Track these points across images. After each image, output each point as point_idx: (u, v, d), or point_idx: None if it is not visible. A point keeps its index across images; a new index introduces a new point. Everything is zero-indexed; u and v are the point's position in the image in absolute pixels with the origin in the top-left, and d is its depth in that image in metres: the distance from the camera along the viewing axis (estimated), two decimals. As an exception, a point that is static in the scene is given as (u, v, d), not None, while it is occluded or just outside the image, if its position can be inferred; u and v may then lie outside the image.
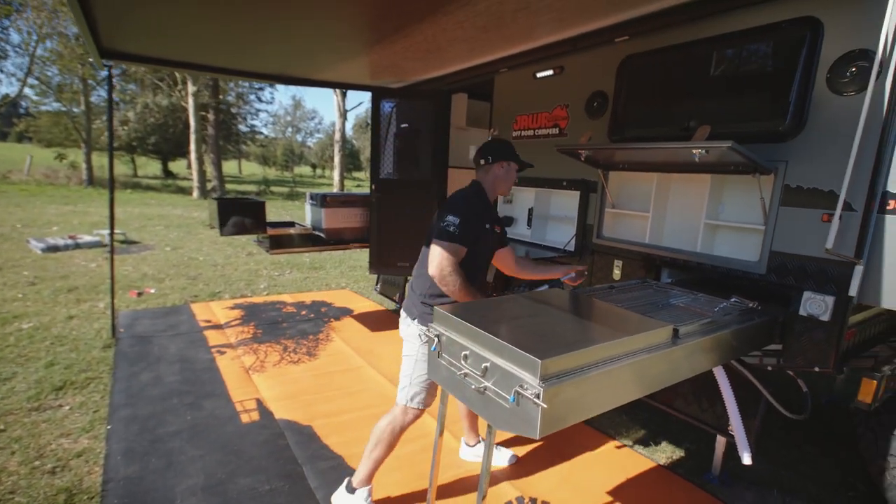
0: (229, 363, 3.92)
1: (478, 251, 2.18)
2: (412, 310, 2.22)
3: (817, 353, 2.01)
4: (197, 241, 9.21)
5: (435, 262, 2.04)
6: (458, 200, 2.18)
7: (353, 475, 2.29)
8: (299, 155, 50.17)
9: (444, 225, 2.05)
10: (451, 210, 2.10)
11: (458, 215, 2.06)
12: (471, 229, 2.09)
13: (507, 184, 2.31)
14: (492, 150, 2.28)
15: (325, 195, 4.46)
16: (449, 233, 2.04)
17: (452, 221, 2.05)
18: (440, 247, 2.04)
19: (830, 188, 1.97)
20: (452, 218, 2.06)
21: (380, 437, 2.20)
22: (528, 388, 1.32)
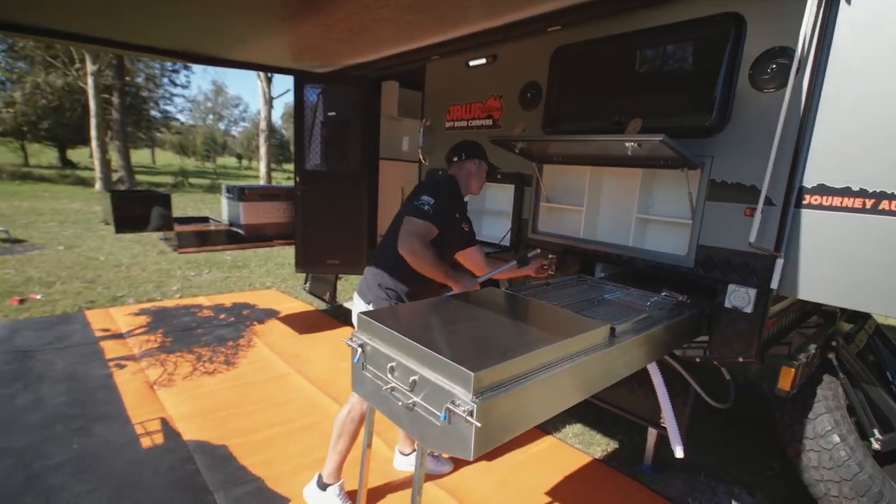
0: (130, 378, 3.46)
1: (444, 240, 2.15)
2: (367, 293, 2.17)
3: (741, 343, 2.06)
4: (98, 239, 8.23)
5: (405, 240, 2.00)
6: (436, 183, 2.18)
7: (323, 469, 2.26)
8: (222, 144, 46.98)
9: (419, 203, 2.04)
10: (427, 190, 2.10)
11: (433, 196, 2.07)
12: (444, 213, 2.09)
13: (479, 182, 2.33)
14: (465, 147, 2.33)
15: (244, 188, 4.07)
16: (423, 211, 2.03)
17: (427, 201, 2.05)
18: (412, 224, 2.02)
19: (753, 183, 2.00)
20: (427, 198, 2.05)
21: (341, 430, 2.17)
22: (460, 404, 1.17)
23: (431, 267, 2.02)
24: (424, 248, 2.00)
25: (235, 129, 49.54)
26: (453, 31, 2.92)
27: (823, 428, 2.11)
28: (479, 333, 1.48)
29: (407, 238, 2.01)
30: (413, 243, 1.99)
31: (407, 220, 2.04)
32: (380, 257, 2.22)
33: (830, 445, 2.07)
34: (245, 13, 2.55)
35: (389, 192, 4.58)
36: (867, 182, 1.76)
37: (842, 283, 1.82)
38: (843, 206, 1.82)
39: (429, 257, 2.00)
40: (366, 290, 2.18)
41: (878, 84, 1.73)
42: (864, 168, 1.77)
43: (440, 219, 2.07)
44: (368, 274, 2.22)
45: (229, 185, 4.28)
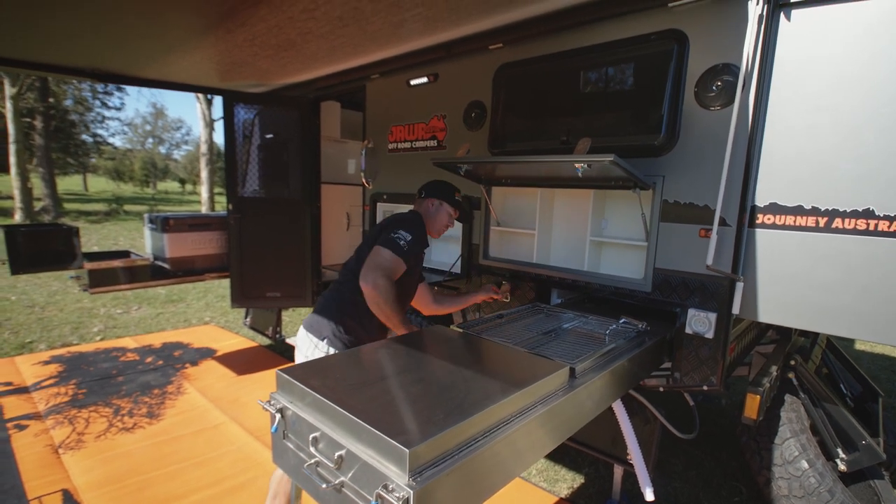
0: (30, 442, 2.97)
1: (411, 279, 2.06)
2: (321, 328, 1.93)
3: (705, 370, 1.95)
4: (10, 278, 7.39)
5: (370, 273, 1.80)
6: (412, 219, 2.04)
7: None
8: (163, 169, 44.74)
9: (396, 237, 1.88)
10: (404, 225, 1.95)
11: (411, 232, 1.92)
12: (416, 252, 1.97)
13: (436, 224, 2.17)
14: (428, 186, 2.22)
15: (168, 217, 3.69)
16: (398, 246, 1.87)
17: (405, 237, 1.90)
18: (381, 258, 1.85)
19: (705, 203, 1.93)
20: (405, 233, 1.91)
21: (277, 489, 1.94)
22: (393, 489, 0.95)
23: (390, 310, 1.81)
24: (388, 288, 1.80)
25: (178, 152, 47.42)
26: (390, 48, 2.76)
27: (791, 454, 2.02)
28: (420, 389, 1.27)
29: (372, 272, 1.81)
30: (377, 278, 1.79)
31: (376, 251, 1.86)
32: (339, 289, 2.02)
33: (799, 472, 1.98)
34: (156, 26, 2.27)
35: (333, 218, 4.32)
36: (819, 200, 1.71)
37: (802, 304, 1.75)
38: (796, 224, 1.76)
39: (390, 299, 1.80)
40: (321, 325, 1.94)
41: (824, 99, 1.70)
42: (816, 185, 1.72)
43: (412, 257, 1.94)
44: (324, 306, 2.00)
45: (152, 215, 3.88)
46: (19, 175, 14.04)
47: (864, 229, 1.63)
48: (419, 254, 2.03)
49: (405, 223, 1.97)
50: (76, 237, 3.18)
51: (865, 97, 1.62)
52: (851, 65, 1.64)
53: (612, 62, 2.18)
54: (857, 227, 1.64)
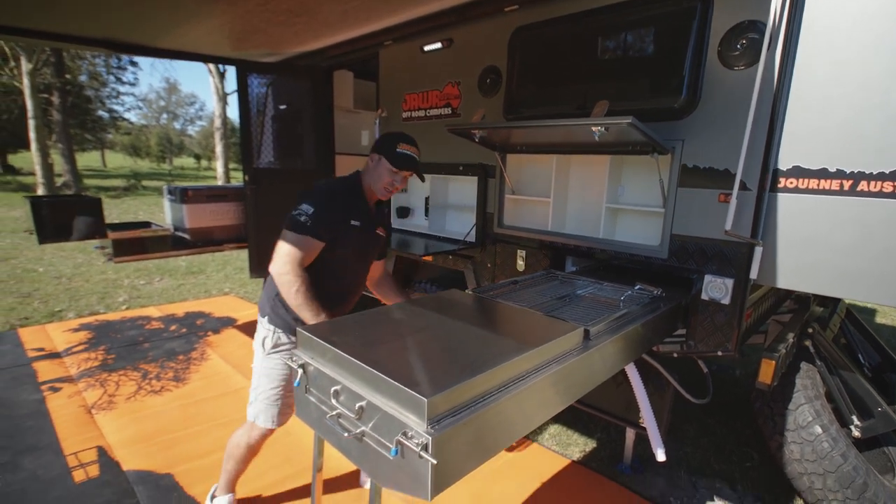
0: (65, 403, 3.12)
1: (336, 255, 1.82)
2: (263, 305, 1.92)
3: (720, 336, 1.95)
4: (38, 250, 7.62)
5: (276, 259, 1.71)
6: (320, 187, 1.84)
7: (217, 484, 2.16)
8: (178, 145, 45.05)
9: (296, 213, 1.72)
10: (306, 197, 1.77)
11: (313, 203, 1.73)
12: (329, 223, 1.75)
13: (377, 182, 1.87)
14: (377, 139, 1.97)
15: (187, 189, 3.75)
16: (299, 223, 1.70)
17: (305, 210, 1.72)
18: (285, 239, 1.72)
19: (726, 167, 1.89)
20: (306, 206, 1.72)
21: (230, 452, 2.04)
22: (413, 436, 0.99)
23: (295, 298, 1.67)
24: (292, 273, 1.67)
25: (192, 128, 47.61)
26: (403, 12, 2.71)
27: (804, 419, 2.03)
28: (437, 346, 1.30)
29: (277, 257, 1.69)
30: (281, 265, 1.68)
31: (283, 235, 1.72)
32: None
33: (812, 437, 1.99)
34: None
35: (349, 189, 4.33)
36: (845, 162, 1.67)
37: (823, 270, 1.73)
38: (820, 188, 1.72)
39: (293, 286, 1.66)
40: (263, 303, 1.90)
41: (853, 58, 1.63)
42: (841, 147, 1.67)
43: (325, 229, 1.73)
44: (269, 282, 1.89)
45: (171, 186, 3.94)
46: (40, 151, 14.29)
47: (891, 192, 1.59)
48: (335, 223, 1.77)
49: (308, 194, 1.78)
50: (99, 207, 3.26)
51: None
52: (883, 23, 1.57)
53: (631, 22, 2.11)
54: (882, 189, 1.60)
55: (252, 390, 1.94)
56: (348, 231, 1.82)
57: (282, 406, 1.92)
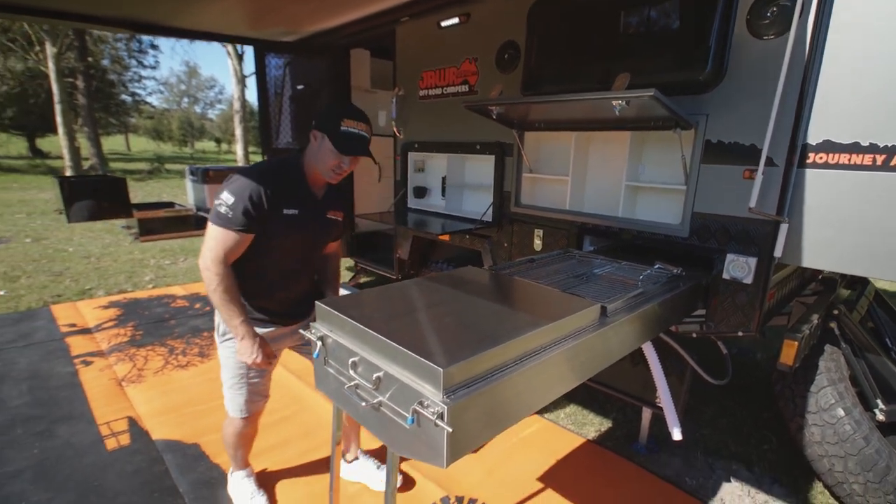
0: (96, 375, 3.26)
1: (273, 244, 1.66)
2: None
3: (741, 316, 1.92)
4: (67, 230, 7.88)
5: (203, 253, 1.59)
6: (246, 172, 1.60)
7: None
8: (199, 128, 45.63)
9: (217, 203, 1.55)
10: (229, 184, 1.57)
11: (235, 193, 1.53)
12: (254, 214, 1.55)
13: (321, 164, 1.65)
14: (319, 112, 1.72)
15: (208, 169, 3.81)
16: (220, 214, 1.54)
17: (226, 200, 1.53)
18: (209, 232, 1.58)
19: (752, 142, 1.83)
20: (227, 195, 1.54)
21: (226, 441, 2.05)
22: (428, 405, 1.01)
23: (214, 293, 1.57)
24: (213, 268, 1.55)
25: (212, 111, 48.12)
26: (422, -14, 2.66)
27: (827, 401, 1.99)
28: (453, 320, 1.31)
29: (202, 250, 1.58)
30: (204, 259, 1.57)
31: (207, 228, 1.59)
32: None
33: (834, 419, 1.96)
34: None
35: (364, 170, 4.34)
36: (878, 136, 1.60)
37: (851, 248, 1.67)
38: (851, 163, 1.66)
39: (213, 283, 1.55)
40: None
41: (888, 24, 1.55)
42: (875, 120, 1.60)
43: (250, 220, 1.55)
44: None
45: (193, 167, 4.01)
46: (67, 135, 14.65)
47: (928, 167, 1.52)
48: (263, 211, 1.58)
49: (230, 182, 1.58)
50: (125, 187, 3.35)
51: (942, 19, 1.47)
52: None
53: (656, -8, 2.03)
54: (919, 164, 1.53)
55: (222, 380, 1.91)
56: (281, 220, 1.63)
57: (248, 394, 1.85)
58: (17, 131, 24.70)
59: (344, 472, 2.29)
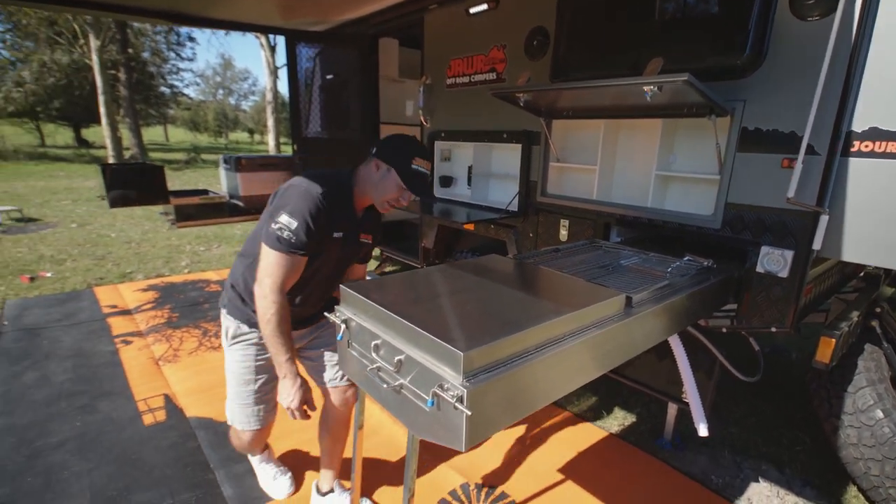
0: (135, 354, 3.42)
1: (311, 266, 1.61)
2: (223, 295, 1.77)
3: (775, 311, 1.85)
4: (109, 217, 8.24)
5: (258, 276, 1.52)
6: (302, 192, 1.51)
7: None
8: (234, 119, 46.80)
9: (277, 228, 1.47)
10: (289, 207, 1.48)
11: (296, 216, 1.47)
12: (316, 234, 1.51)
13: (380, 194, 1.63)
14: (385, 142, 1.66)
15: (240, 157, 3.92)
16: (282, 240, 1.47)
17: (288, 225, 1.46)
18: (267, 257, 1.50)
19: (792, 129, 1.75)
20: (288, 219, 1.46)
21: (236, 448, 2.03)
22: (448, 388, 1.01)
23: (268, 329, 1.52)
24: (272, 298, 1.50)
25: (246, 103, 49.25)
26: (451, -27, 2.64)
27: (865, 402, 1.91)
28: (475, 306, 1.31)
29: (259, 276, 1.52)
30: (262, 286, 1.50)
31: (263, 251, 1.51)
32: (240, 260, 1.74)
33: (872, 421, 1.88)
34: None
35: (393, 159, 4.36)
36: (931, 122, 1.50)
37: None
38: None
39: (269, 312, 1.50)
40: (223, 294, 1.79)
41: (950, 2, 1.45)
42: (929, 106, 1.50)
43: (310, 243, 1.51)
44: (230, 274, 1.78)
45: (226, 156, 4.12)
46: (109, 125, 15.27)
47: None
48: (321, 239, 1.55)
49: (290, 203, 1.49)
50: (162, 174, 3.48)
51: None
52: None
53: (693, -27, 1.96)
54: (976, 153, 1.43)
55: (230, 388, 1.81)
56: (329, 243, 1.60)
57: (256, 407, 1.77)
58: (63, 122, 25.92)
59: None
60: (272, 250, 1.49)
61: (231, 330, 1.74)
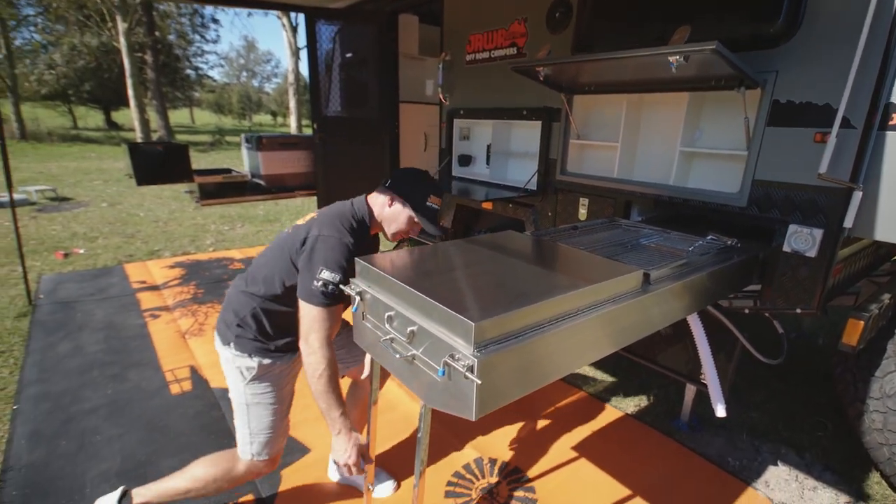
0: (163, 328, 3.55)
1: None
2: (226, 331, 1.64)
3: (801, 292, 1.80)
4: (138, 196, 8.48)
5: (304, 334, 1.52)
6: (338, 243, 1.53)
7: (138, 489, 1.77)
8: (257, 102, 47.23)
9: (319, 284, 1.48)
10: (326, 259, 1.50)
11: (336, 268, 1.49)
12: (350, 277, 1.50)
13: (393, 226, 1.69)
14: (398, 176, 1.71)
15: (261, 137, 3.95)
16: (327, 295, 1.48)
17: (331, 279, 1.48)
18: (311, 315, 1.50)
19: (826, 101, 1.67)
20: (330, 274, 1.48)
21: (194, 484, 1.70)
22: (459, 358, 1.02)
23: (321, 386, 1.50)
24: (322, 353, 1.50)
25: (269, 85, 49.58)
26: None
27: (893, 388, 1.85)
28: (489, 279, 1.31)
29: (306, 334, 1.51)
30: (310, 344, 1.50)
31: (306, 308, 1.51)
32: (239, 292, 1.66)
33: (900, 407, 1.82)
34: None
35: (412, 138, 4.35)
36: (980, 92, 1.41)
37: (935, 219, 1.51)
38: (943, 125, 1.48)
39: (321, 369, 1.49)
40: (224, 329, 1.65)
41: None
42: (978, 74, 1.41)
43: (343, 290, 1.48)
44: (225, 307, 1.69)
45: (248, 135, 4.17)
46: (138, 108, 15.60)
47: None
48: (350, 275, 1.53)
49: (327, 257, 1.50)
50: (186, 153, 3.55)
51: None
52: None
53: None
54: None
55: (242, 426, 1.67)
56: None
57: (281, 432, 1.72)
58: (94, 104, 26.58)
59: (335, 475, 2.15)
60: (317, 307, 1.49)
61: (249, 367, 1.63)
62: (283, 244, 1.62)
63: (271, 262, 1.62)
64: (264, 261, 1.66)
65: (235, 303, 1.65)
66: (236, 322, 1.62)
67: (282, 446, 1.75)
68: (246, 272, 1.71)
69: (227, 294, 1.71)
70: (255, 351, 1.62)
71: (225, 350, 1.64)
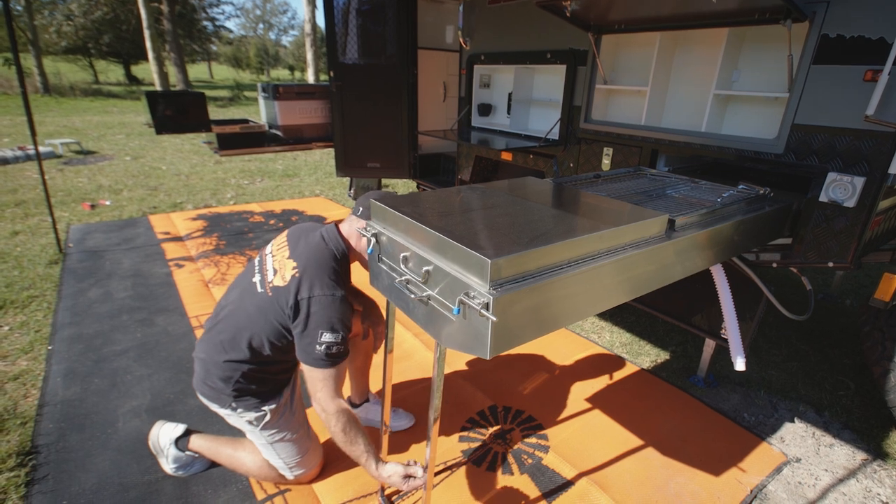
0: (187, 276, 3.64)
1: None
2: (221, 397, 1.61)
3: (836, 244, 1.71)
4: (160, 150, 8.54)
5: (315, 396, 1.52)
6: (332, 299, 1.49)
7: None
8: (274, 56, 46.42)
9: (323, 348, 1.46)
10: (326, 321, 1.47)
11: (338, 327, 1.48)
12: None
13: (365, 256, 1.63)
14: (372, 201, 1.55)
15: (278, 85, 3.87)
16: (332, 355, 1.48)
17: (334, 340, 1.47)
18: (319, 377, 1.49)
19: (881, 35, 1.52)
20: (331, 336, 1.46)
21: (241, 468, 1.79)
22: (475, 296, 1.00)
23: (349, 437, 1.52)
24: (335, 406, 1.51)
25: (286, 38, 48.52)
26: None
27: (924, 345, 1.78)
28: (507, 220, 1.27)
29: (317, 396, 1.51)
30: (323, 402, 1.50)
31: (312, 373, 1.50)
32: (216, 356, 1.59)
33: (930, 365, 1.76)
34: None
35: (431, 87, 4.21)
36: None
37: None
38: None
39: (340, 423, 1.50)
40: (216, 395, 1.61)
41: None
42: None
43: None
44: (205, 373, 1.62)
45: (264, 84, 4.09)
46: (156, 60, 15.47)
47: None
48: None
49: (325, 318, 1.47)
50: (204, 102, 3.52)
51: None
52: None
53: None
54: None
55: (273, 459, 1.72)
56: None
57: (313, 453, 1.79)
58: (113, 58, 26.49)
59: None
60: (323, 369, 1.49)
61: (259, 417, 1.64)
62: (263, 307, 1.54)
63: (251, 326, 1.56)
64: (240, 323, 1.57)
65: (220, 372, 1.59)
66: (231, 389, 1.59)
67: (320, 454, 1.82)
68: (214, 335, 1.62)
69: (202, 361, 1.63)
70: (260, 403, 1.63)
71: (228, 412, 1.63)
